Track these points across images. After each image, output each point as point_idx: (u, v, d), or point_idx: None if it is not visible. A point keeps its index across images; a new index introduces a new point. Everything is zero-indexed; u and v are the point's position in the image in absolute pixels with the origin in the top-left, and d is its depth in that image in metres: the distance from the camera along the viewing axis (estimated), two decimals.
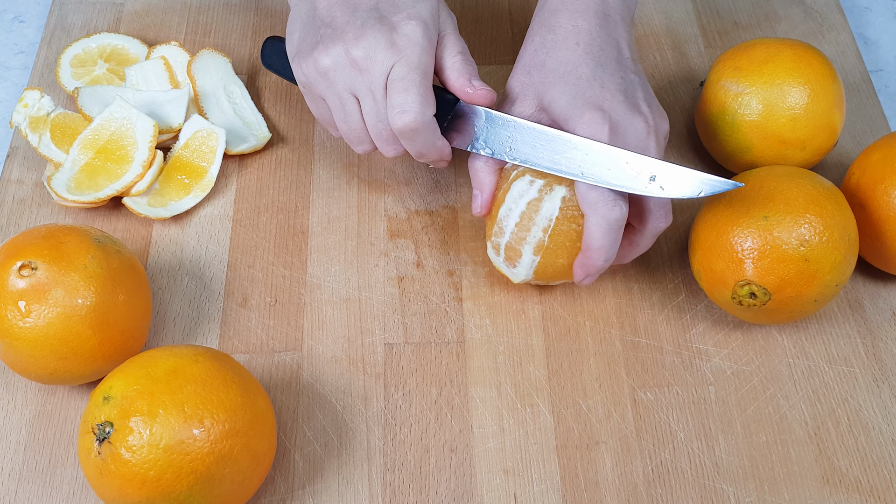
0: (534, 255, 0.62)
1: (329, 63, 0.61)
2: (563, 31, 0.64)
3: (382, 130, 0.62)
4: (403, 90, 0.60)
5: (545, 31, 0.64)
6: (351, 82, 0.61)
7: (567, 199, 0.61)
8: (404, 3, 0.61)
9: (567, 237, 0.62)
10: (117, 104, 0.72)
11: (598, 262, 0.60)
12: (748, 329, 0.67)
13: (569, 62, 0.62)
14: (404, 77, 0.60)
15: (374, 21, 0.60)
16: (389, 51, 0.60)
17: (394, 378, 0.64)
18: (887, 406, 0.64)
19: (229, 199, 0.73)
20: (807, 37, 0.83)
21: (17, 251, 0.58)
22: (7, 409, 0.63)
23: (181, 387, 0.54)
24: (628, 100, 0.61)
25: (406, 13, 0.61)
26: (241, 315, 0.67)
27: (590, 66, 0.62)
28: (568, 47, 0.63)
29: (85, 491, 0.60)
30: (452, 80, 0.63)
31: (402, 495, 0.60)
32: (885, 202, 0.64)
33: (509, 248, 0.63)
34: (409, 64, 0.60)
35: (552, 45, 0.63)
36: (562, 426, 0.63)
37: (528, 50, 0.65)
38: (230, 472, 0.54)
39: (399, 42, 0.60)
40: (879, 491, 0.61)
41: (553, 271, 0.63)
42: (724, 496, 0.60)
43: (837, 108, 0.69)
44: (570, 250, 0.62)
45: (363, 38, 0.60)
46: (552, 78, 0.62)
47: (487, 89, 0.62)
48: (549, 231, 0.61)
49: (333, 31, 0.61)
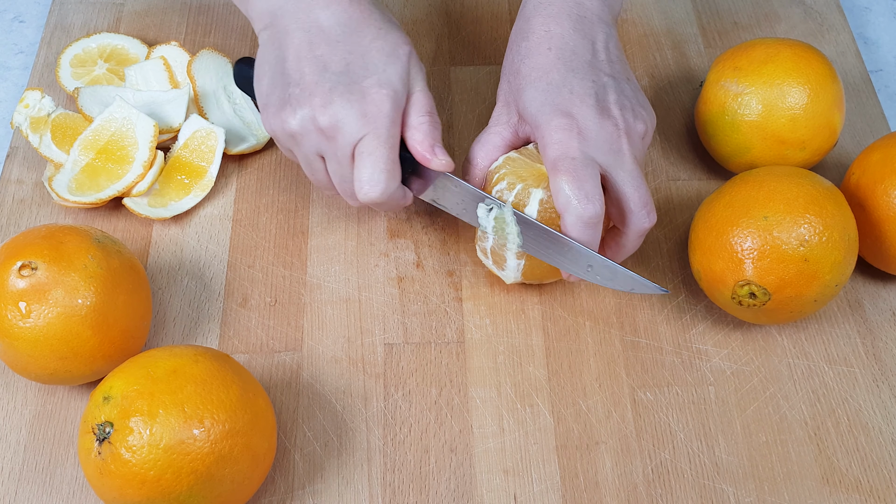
0: (517, 259, 0.62)
1: (296, 127, 0.61)
2: (536, 37, 0.64)
3: (347, 189, 0.63)
4: (371, 165, 0.60)
5: (520, 38, 0.65)
6: (317, 146, 0.62)
7: (544, 202, 0.61)
8: (374, 66, 0.61)
9: None
10: (117, 104, 0.72)
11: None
12: (748, 329, 0.67)
13: (540, 68, 0.63)
14: (372, 153, 0.60)
15: (343, 87, 0.60)
16: (358, 122, 0.59)
17: (394, 378, 0.64)
18: (887, 406, 0.64)
19: (229, 199, 0.73)
20: (807, 37, 0.83)
21: (17, 251, 0.58)
22: (7, 409, 0.63)
23: (181, 387, 0.54)
24: (599, 104, 0.61)
25: (376, 79, 0.60)
26: (241, 315, 0.67)
27: (560, 71, 0.62)
28: (540, 52, 0.63)
29: (85, 491, 0.60)
30: (416, 142, 0.62)
31: (402, 495, 0.60)
32: (884, 202, 0.64)
33: (494, 252, 0.64)
34: (377, 138, 0.60)
35: (526, 51, 0.64)
36: (562, 426, 0.63)
37: (507, 58, 0.66)
38: (230, 472, 0.54)
39: (369, 112, 0.59)
40: (879, 491, 0.61)
41: (541, 272, 0.63)
42: (724, 496, 0.60)
43: (837, 108, 0.69)
44: None
45: (331, 104, 0.59)
46: (524, 84, 0.63)
47: (447, 160, 0.62)
48: None
49: (301, 91, 0.60)
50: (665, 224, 0.72)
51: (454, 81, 0.80)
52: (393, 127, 0.60)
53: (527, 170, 0.63)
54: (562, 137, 0.60)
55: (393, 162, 0.60)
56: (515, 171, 0.63)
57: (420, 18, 0.84)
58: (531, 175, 0.62)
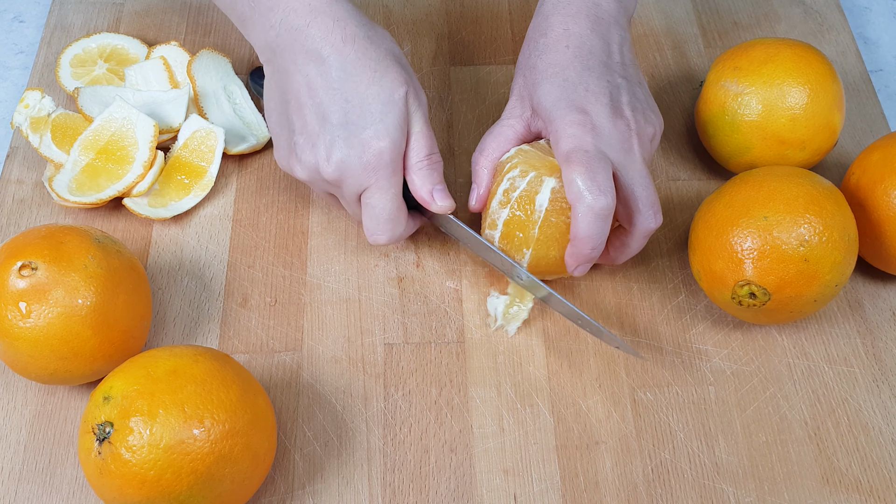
0: (525, 249, 0.62)
1: (304, 176, 0.63)
2: (555, 35, 0.65)
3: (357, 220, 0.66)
4: (375, 217, 0.63)
5: (538, 34, 0.66)
6: (325, 188, 0.65)
7: (556, 191, 0.61)
8: (372, 116, 0.61)
9: (557, 229, 0.62)
10: (117, 104, 0.72)
11: (585, 251, 0.60)
12: (748, 329, 0.67)
13: (557, 64, 0.64)
14: (375, 205, 0.62)
15: (343, 141, 0.61)
16: (361, 174, 0.61)
17: (394, 378, 0.64)
18: (887, 406, 0.64)
19: (229, 199, 0.73)
20: (807, 37, 0.83)
21: (17, 251, 0.58)
22: (7, 409, 0.63)
23: (181, 387, 0.54)
24: (612, 103, 0.62)
25: (374, 130, 0.61)
26: (241, 315, 0.67)
27: (577, 69, 0.63)
28: (558, 50, 0.64)
29: (85, 491, 0.60)
30: (417, 186, 0.63)
31: (402, 495, 0.60)
32: (884, 202, 0.64)
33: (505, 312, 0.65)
34: (379, 189, 0.62)
35: (543, 48, 0.65)
36: (562, 426, 0.63)
37: (523, 54, 0.67)
38: (230, 472, 0.54)
39: (370, 163, 0.61)
40: (879, 491, 0.61)
41: (546, 264, 0.63)
42: (724, 496, 0.60)
43: (837, 108, 0.69)
44: (561, 243, 0.62)
45: (333, 157, 0.61)
46: (540, 79, 0.64)
47: (446, 203, 0.64)
48: (538, 223, 0.61)
49: (305, 141, 0.62)
50: (665, 224, 0.72)
51: (454, 81, 0.80)
52: (394, 175, 0.62)
53: (539, 161, 0.63)
54: (576, 132, 0.61)
55: (396, 210, 0.63)
56: (528, 160, 0.63)
57: (420, 18, 0.84)
58: (544, 165, 0.63)
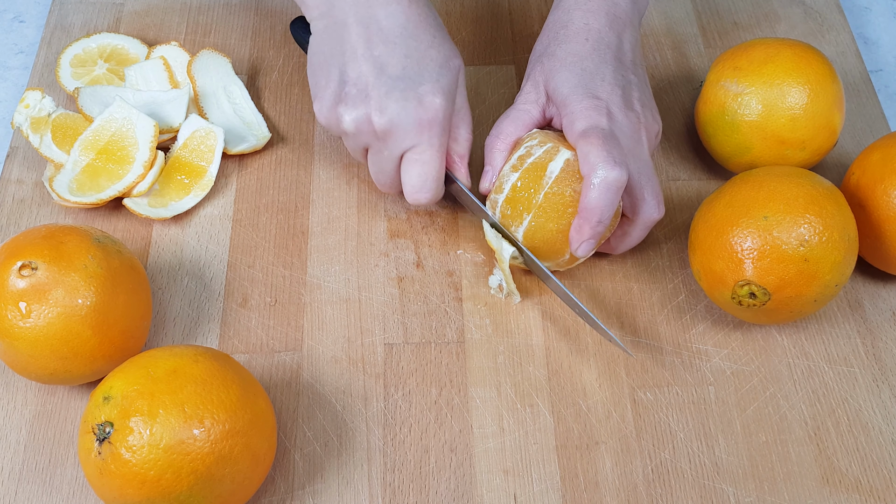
0: (525, 215, 0.63)
1: (350, 126, 0.63)
2: (575, 28, 0.67)
3: (384, 179, 0.66)
4: (423, 174, 0.63)
5: (559, 26, 0.68)
6: (367, 142, 0.64)
7: (570, 163, 0.63)
8: (430, 73, 0.62)
9: (561, 200, 0.62)
10: (117, 104, 0.72)
11: (592, 221, 0.61)
12: (748, 329, 0.67)
13: (576, 54, 0.66)
14: (426, 162, 0.63)
15: (399, 92, 0.61)
16: (414, 128, 0.62)
17: (394, 378, 0.64)
18: (887, 406, 0.64)
19: (229, 199, 0.73)
20: (807, 37, 0.83)
21: (17, 251, 0.58)
22: (7, 409, 0.63)
23: (181, 387, 0.54)
24: (625, 96, 0.65)
25: (431, 86, 0.62)
26: (241, 315, 0.67)
27: (594, 60, 0.66)
28: (578, 42, 0.66)
29: (85, 491, 0.60)
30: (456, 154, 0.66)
31: (402, 495, 0.60)
32: (885, 202, 0.64)
33: None
34: (431, 147, 0.63)
35: (563, 38, 0.67)
36: (562, 426, 0.63)
37: (541, 42, 0.69)
38: (230, 472, 0.54)
39: (424, 119, 0.61)
40: (879, 491, 0.61)
41: (542, 237, 0.63)
42: (724, 496, 0.60)
43: (837, 108, 0.69)
44: (562, 215, 0.62)
45: (388, 108, 0.61)
46: (559, 66, 0.66)
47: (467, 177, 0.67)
48: (544, 189, 0.62)
49: (358, 91, 0.62)
50: (665, 224, 0.72)
51: None
52: (444, 136, 0.63)
53: (559, 139, 0.65)
54: (592, 114, 0.63)
55: (442, 170, 0.64)
56: (548, 136, 0.65)
57: None
58: (562, 143, 0.64)
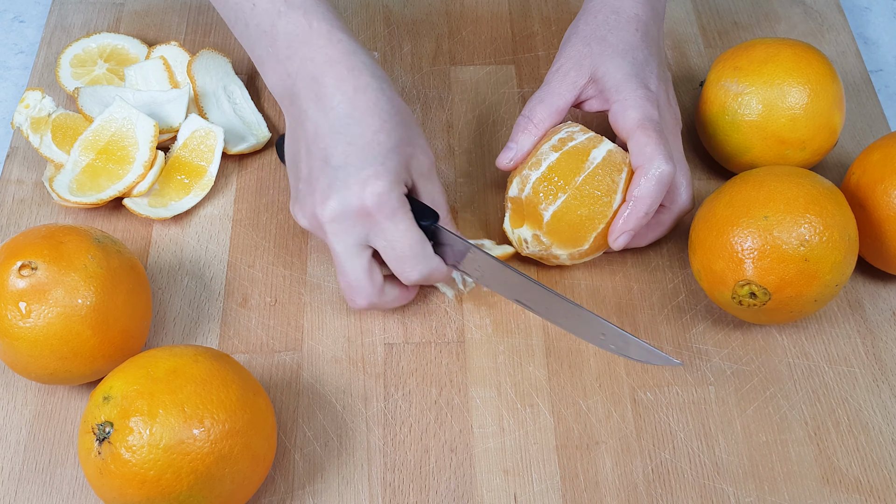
0: (561, 194, 0.63)
1: (306, 224, 0.62)
2: (626, 16, 0.68)
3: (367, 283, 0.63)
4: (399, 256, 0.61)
5: (609, 10, 0.68)
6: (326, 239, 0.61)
7: (613, 153, 0.64)
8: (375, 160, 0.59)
9: (599, 187, 0.63)
10: (117, 104, 0.72)
11: (640, 212, 0.62)
12: (748, 329, 0.67)
13: (628, 42, 0.67)
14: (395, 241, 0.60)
15: (341, 182, 0.59)
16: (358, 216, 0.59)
17: (394, 378, 0.64)
18: (887, 406, 0.64)
19: (229, 199, 0.73)
20: (807, 37, 0.83)
21: (17, 251, 0.58)
22: (7, 409, 0.63)
23: (181, 387, 0.54)
24: (667, 91, 0.69)
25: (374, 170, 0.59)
26: (241, 315, 0.67)
27: (644, 53, 0.67)
28: (629, 31, 0.67)
29: (85, 491, 0.60)
30: None
31: (402, 495, 0.60)
32: (885, 202, 0.64)
33: None
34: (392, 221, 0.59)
35: (615, 23, 0.67)
36: (562, 426, 0.63)
37: (589, 25, 0.68)
38: (230, 472, 0.54)
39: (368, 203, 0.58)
40: (879, 491, 0.61)
41: (570, 220, 0.63)
42: (724, 496, 0.60)
43: (837, 108, 0.69)
44: (595, 202, 0.63)
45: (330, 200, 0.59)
46: (611, 52, 0.66)
47: None
48: (585, 173, 0.63)
49: (306, 185, 0.60)
50: None
51: (454, 81, 0.80)
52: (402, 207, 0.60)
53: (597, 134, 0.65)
54: (646, 105, 0.64)
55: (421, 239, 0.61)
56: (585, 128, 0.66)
57: (420, 18, 0.84)
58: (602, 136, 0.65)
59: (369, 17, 0.84)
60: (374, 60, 0.62)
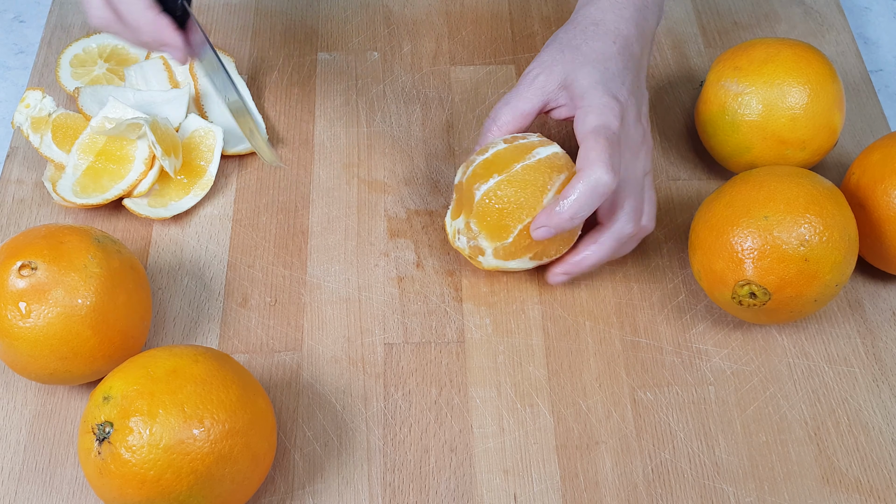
0: (496, 174, 0.63)
1: None
2: (605, 28, 0.67)
3: None
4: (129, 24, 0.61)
5: (589, 22, 0.68)
6: None
7: (558, 156, 0.64)
8: None
9: (534, 178, 0.62)
10: (111, 105, 0.71)
11: (564, 216, 0.60)
12: (748, 329, 0.67)
13: (603, 53, 0.66)
14: (123, 9, 0.61)
15: None
16: None
17: (394, 378, 0.64)
18: (887, 406, 0.64)
19: (229, 199, 0.73)
20: (807, 37, 0.83)
21: (17, 251, 0.58)
22: (7, 409, 0.63)
23: (181, 387, 0.54)
24: (638, 107, 0.66)
25: None
26: (241, 315, 0.67)
27: (618, 65, 0.65)
28: (606, 42, 0.66)
29: (85, 491, 0.60)
30: None
31: (402, 495, 0.60)
32: (885, 202, 0.64)
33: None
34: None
35: (593, 34, 0.67)
36: (562, 426, 0.63)
37: (567, 33, 0.68)
38: (230, 472, 0.54)
39: None
40: (879, 491, 0.61)
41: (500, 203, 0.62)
42: (724, 496, 0.60)
43: (837, 108, 0.69)
44: (527, 189, 0.62)
45: None
46: (584, 60, 0.65)
47: None
48: (525, 162, 0.63)
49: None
50: (665, 224, 0.72)
51: (454, 81, 0.80)
52: None
53: None
54: (607, 113, 0.63)
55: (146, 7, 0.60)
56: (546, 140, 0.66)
57: (420, 18, 0.84)
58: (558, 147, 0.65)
59: (369, 17, 0.84)
60: None
